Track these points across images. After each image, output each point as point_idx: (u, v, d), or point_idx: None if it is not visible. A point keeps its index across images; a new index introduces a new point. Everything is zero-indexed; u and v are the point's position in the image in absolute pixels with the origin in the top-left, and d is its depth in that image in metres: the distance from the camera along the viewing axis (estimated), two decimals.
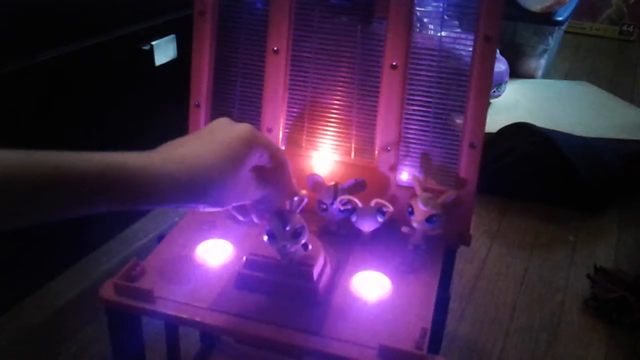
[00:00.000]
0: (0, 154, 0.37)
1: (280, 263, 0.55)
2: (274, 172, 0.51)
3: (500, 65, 1.77)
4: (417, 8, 0.63)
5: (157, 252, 0.62)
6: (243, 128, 0.48)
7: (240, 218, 0.55)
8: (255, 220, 0.54)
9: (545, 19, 2.02)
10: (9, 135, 0.85)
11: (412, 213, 0.63)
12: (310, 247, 0.56)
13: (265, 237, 0.54)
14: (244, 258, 0.57)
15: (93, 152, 0.41)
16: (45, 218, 0.40)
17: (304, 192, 0.54)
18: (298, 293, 0.56)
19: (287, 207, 0.53)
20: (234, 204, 0.50)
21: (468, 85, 0.62)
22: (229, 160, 0.46)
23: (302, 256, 0.56)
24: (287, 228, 0.52)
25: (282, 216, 0.53)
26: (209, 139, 0.47)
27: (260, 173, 0.50)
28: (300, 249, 0.55)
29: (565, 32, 2.57)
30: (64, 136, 0.96)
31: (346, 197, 0.64)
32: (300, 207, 0.53)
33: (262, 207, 0.53)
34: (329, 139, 0.69)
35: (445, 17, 0.64)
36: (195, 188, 0.44)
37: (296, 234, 0.53)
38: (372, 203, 0.63)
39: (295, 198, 0.53)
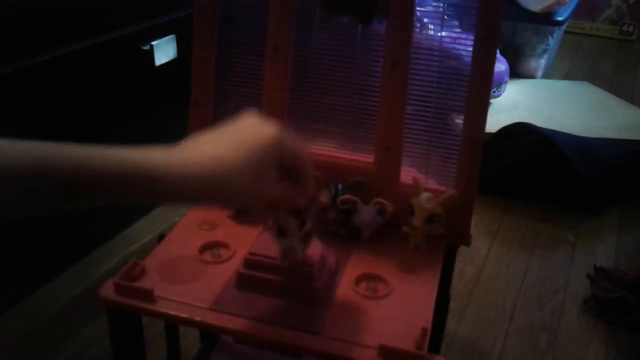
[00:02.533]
0: (31, 145, 0.38)
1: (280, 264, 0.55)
2: (296, 172, 0.50)
3: (500, 65, 1.77)
4: (417, 8, 0.63)
5: (157, 252, 0.62)
6: (270, 131, 0.47)
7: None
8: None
9: (545, 19, 2.02)
10: (8, 136, 0.85)
11: (412, 213, 0.63)
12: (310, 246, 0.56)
13: (274, 233, 0.53)
14: (244, 258, 0.57)
15: (114, 149, 0.41)
16: (63, 209, 0.41)
17: (324, 196, 0.53)
18: (298, 293, 0.56)
19: (304, 206, 0.52)
20: (258, 206, 0.50)
21: (468, 85, 0.62)
22: (254, 164, 0.45)
23: (300, 259, 0.55)
24: (302, 228, 0.52)
25: (299, 216, 0.52)
26: (235, 138, 0.46)
27: (283, 173, 0.49)
28: (301, 253, 0.55)
29: (565, 32, 2.57)
30: (63, 136, 0.96)
31: (346, 197, 0.64)
32: (315, 210, 0.53)
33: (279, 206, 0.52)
34: (329, 139, 0.69)
35: (445, 17, 0.64)
36: (218, 190, 0.44)
37: (307, 236, 0.53)
38: (372, 203, 0.63)
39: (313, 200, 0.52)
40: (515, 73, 2.07)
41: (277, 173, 0.48)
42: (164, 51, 1.14)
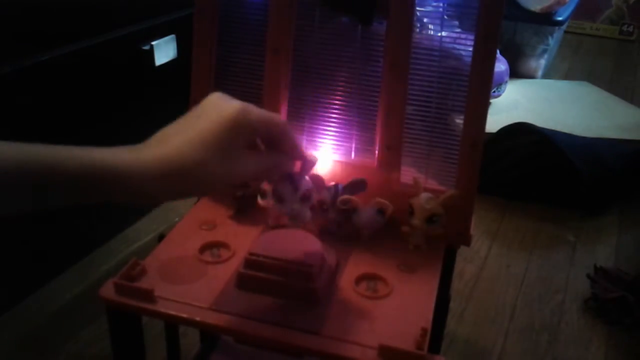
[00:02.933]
0: None
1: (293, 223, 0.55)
2: (277, 143, 0.49)
3: (500, 65, 1.77)
4: (417, 8, 0.63)
5: (157, 252, 0.62)
6: (231, 110, 0.46)
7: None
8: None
9: (545, 19, 2.02)
10: (8, 136, 0.85)
11: (412, 213, 0.63)
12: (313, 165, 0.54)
13: (273, 200, 0.53)
14: (244, 258, 0.57)
15: (84, 148, 0.42)
16: (31, 209, 0.41)
17: (313, 155, 0.53)
18: (298, 293, 0.56)
19: (298, 169, 0.52)
20: (231, 184, 0.49)
21: (468, 85, 0.62)
22: (218, 149, 0.44)
23: (308, 218, 0.54)
24: (298, 192, 0.52)
25: (292, 180, 0.52)
26: (197, 126, 0.45)
27: (262, 146, 0.49)
28: (307, 213, 0.54)
29: (565, 32, 2.57)
30: (63, 136, 0.96)
31: (346, 197, 0.64)
32: (311, 170, 0.53)
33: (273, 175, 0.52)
34: (329, 139, 0.69)
35: (445, 17, 0.64)
36: (182, 184, 0.44)
37: (305, 198, 0.52)
38: (372, 203, 0.63)
39: (305, 161, 0.52)
40: (515, 73, 2.07)
41: (254, 147, 0.48)
42: (164, 51, 1.14)
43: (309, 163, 0.52)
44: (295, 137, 0.51)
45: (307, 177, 0.53)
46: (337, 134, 0.69)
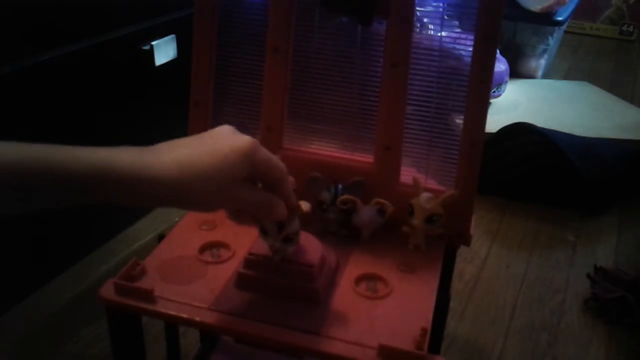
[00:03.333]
0: None
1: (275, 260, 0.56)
2: (274, 187, 0.50)
3: (500, 65, 1.77)
4: (417, 8, 0.63)
5: (157, 252, 0.62)
6: (244, 141, 0.47)
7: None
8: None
9: (545, 19, 2.02)
10: (8, 136, 0.85)
11: (412, 213, 0.63)
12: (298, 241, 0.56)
13: (259, 232, 0.54)
14: (244, 258, 0.57)
15: (86, 148, 0.42)
16: (36, 209, 0.41)
17: (306, 205, 0.53)
18: (298, 293, 0.56)
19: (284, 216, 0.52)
20: (221, 209, 0.50)
21: (468, 85, 0.62)
22: (223, 172, 0.46)
23: (292, 253, 0.56)
24: (282, 232, 0.53)
25: (279, 222, 0.53)
26: (209, 145, 0.47)
27: (262, 183, 0.50)
28: (290, 249, 0.55)
29: (565, 32, 2.57)
30: (63, 136, 0.96)
31: (346, 197, 0.64)
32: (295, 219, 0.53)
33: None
34: (329, 139, 0.69)
35: (445, 17, 0.64)
36: (182, 195, 0.45)
37: (287, 240, 0.54)
38: (372, 203, 0.63)
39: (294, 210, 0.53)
40: (515, 73, 2.07)
41: (251, 183, 0.49)
42: (164, 51, 1.14)
43: (297, 212, 0.52)
44: (290, 186, 0.52)
45: (296, 220, 0.53)
46: (337, 134, 0.69)
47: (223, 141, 0.47)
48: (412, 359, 0.50)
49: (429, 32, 0.65)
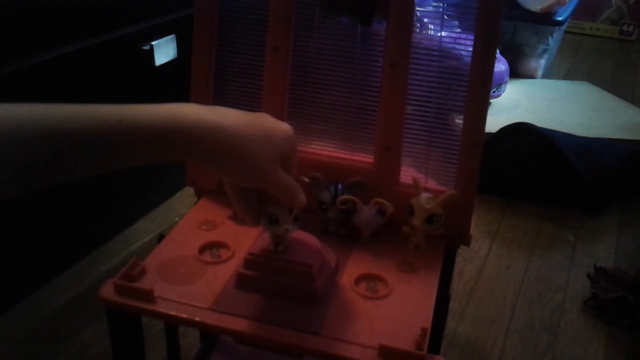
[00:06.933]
0: (59, 110, 0.43)
1: (277, 254, 0.56)
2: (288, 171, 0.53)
3: (500, 65, 1.77)
4: (417, 8, 0.63)
5: (157, 252, 0.62)
6: (287, 127, 0.52)
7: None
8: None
9: (545, 19, 2.02)
10: None
11: (412, 213, 0.63)
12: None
13: (265, 223, 0.54)
14: (244, 258, 0.57)
15: (150, 105, 0.46)
16: (105, 168, 0.43)
17: (306, 179, 0.56)
18: (298, 293, 0.56)
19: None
20: (255, 185, 0.52)
21: (468, 85, 0.62)
22: (270, 147, 0.49)
23: (291, 239, 0.56)
24: (291, 214, 0.54)
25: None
26: (257, 120, 0.49)
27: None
28: (293, 231, 0.56)
29: (565, 32, 2.57)
30: None
31: (346, 197, 0.64)
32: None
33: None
34: (329, 139, 0.69)
35: (445, 17, 0.64)
36: (238, 154, 0.47)
37: (296, 218, 0.55)
38: (372, 203, 0.63)
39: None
40: (515, 73, 2.07)
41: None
42: (164, 51, 1.14)
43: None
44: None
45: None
46: (337, 134, 0.69)
47: (270, 123, 0.51)
48: (412, 359, 0.50)
49: (429, 32, 0.64)
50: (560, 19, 2.02)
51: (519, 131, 1.49)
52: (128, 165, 0.44)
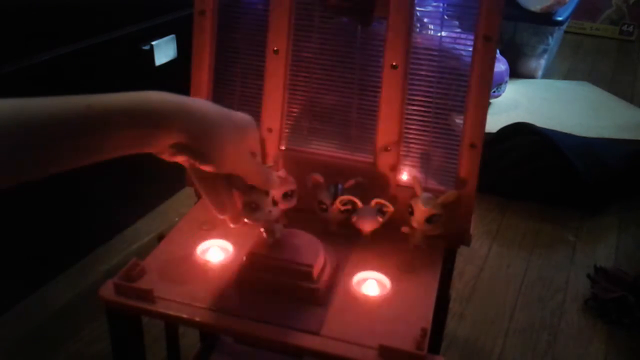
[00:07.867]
0: (35, 101, 0.43)
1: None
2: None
3: (500, 65, 1.77)
4: (417, 8, 0.63)
5: (157, 252, 0.62)
6: (248, 115, 0.53)
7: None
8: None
9: (545, 19, 2.02)
10: None
11: (412, 213, 0.63)
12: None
13: (248, 212, 0.55)
14: (244, 258, 0.57)
15: (119, 93, 0.45)
16: (82, 158, 0.44)
17: (279, 172, 0.58)
18: (298, 293, 0.56)
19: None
20: (226, 170, 0.52)
21: (468, 85, 0.62)
22: (237, 133, 0.50)
23: (278, 216, 0.57)
24: (268, 195, 0.55)
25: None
26: (221, 110, 0.51)
27: None
28: (277, 213, 0.56)
29: (565, 32, 2.57)
30: None
31: (346, 197, 0.64)
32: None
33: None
34: (329, 139, 0.69)
35: (445, 17, 0.64)
36: (206, 135, 0.47)
37: (286, 195, 0.57)
38: (372, 203, 0.63)
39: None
40: (515, 73, 2.07)
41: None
42: (164, 51, 1.14)
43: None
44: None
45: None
46: (336, 134, 0.69)
47: (233, 113, 0.52)
48: (412, 359, 0.50)
49: (429, 32, 0.64)
50: (560, 19, 2.02)
51: (518, 131, 1.49)
52: (104, 154, 0.45)
